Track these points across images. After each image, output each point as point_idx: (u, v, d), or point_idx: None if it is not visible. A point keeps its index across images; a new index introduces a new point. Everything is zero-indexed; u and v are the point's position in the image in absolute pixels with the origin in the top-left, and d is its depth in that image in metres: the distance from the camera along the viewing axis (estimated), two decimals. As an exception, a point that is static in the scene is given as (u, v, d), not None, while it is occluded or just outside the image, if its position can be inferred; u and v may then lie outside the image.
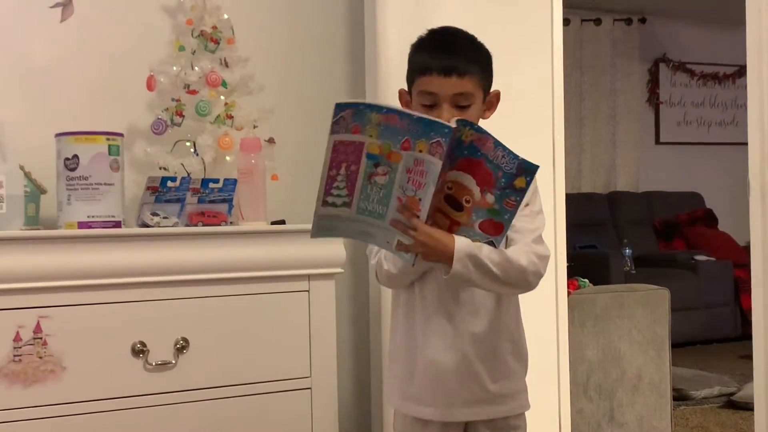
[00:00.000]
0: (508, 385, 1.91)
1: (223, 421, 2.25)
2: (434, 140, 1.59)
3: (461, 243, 1.73)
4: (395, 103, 1.82)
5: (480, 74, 1.88)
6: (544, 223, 1.93)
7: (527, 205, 1.88)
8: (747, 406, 4.25)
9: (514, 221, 1.75)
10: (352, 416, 2.84)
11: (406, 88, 1.95)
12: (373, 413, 2.80)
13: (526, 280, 1.83)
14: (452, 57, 1.85)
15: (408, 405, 1.92)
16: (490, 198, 1.67)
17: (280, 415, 2.33)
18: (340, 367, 2.47)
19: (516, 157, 1.65)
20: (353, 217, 1.67)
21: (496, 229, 1.71)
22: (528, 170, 1.65)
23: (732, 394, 4.61)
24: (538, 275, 1.85)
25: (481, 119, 1.91)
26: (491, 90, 1.94)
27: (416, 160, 1.62)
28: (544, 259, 1.87)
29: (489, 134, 1.64)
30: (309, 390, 2.36)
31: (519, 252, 1.82)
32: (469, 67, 1.86)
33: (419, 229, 1.67)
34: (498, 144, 1.64)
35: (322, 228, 1.69)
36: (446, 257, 1.73)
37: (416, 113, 1.62)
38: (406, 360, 1.92)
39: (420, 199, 1.64)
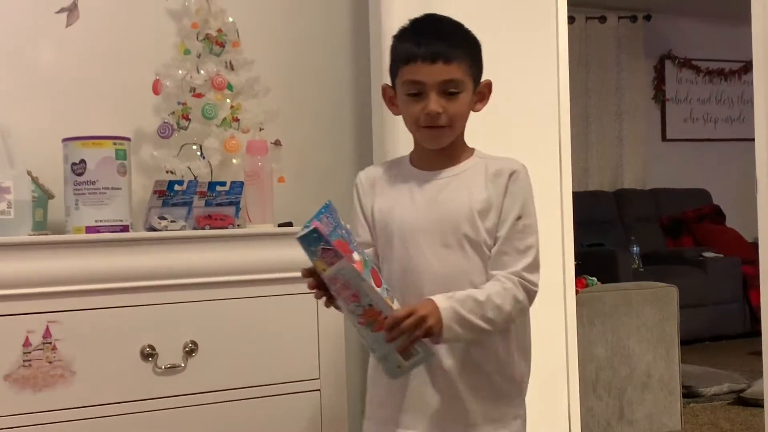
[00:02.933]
0: (494, 409, 1.84)
1: (233, 423, 2.25)
2: (317, 249, 1.62)
3: (442, 304, 1.71)
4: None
5: (468, 61, 1.82)
6: (538, 239, 1.85)
7: (519, 218, 1.83)
8: (757, 403, 4.23)
9: (504, 236, 1.79)
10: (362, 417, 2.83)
11: (390, 83, 1.90)
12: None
13: (513, 321, 1.80)
14: (437, 42, 1.78)
15: (388, 429, 1.87)
16: (357, 257, 1.67)
17: (290, 417, 2.33)
18: (349, 368, 2.46)
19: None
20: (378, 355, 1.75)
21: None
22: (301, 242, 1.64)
23: (742, 390, 4.60)
24: (525, 312, 1.83)
25: (472, 112, 1.87)
26: (482, 80, 1.88)
27: (331, 279, 1.64)
28: (532, 294, 1.81)
29: (317, 214, 1.65)
30: (318, 392, 2.36)
31: (503, 294, 1.76)
32: (455, 52, 1.79)
33: (400, 323, 1.66)
34: (319, 213, 1.65)
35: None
36: (438, 323, 1.70)
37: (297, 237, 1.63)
38: (387, 383, 1.83)
39: (371, 305, 1.66)
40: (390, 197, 1.90)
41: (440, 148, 1.87)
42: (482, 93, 1.88)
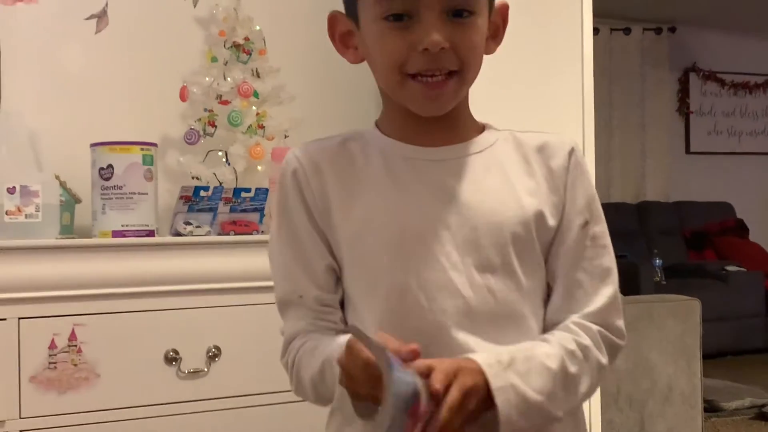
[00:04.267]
0: None
1: (255, 429, 2.26)
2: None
3: (494, 378, 1.07)
4: None
5: None
6: (614, 258, 1.26)
7: (587, 223, 1.23)
8: (779, 418, 4.22)
9: (569, 254, 1.21)
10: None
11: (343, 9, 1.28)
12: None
13: (588, 398, 1.23)
14: None
15: None
16: None
17: (313, 423, 2.33)
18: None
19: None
20: None
21: None
22: None
23: (763, 405, 4.57)
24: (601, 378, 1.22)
25: (484, 56, 1.25)
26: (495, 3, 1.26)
27: None
28: (617, 352, 1.24)
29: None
30: (339, 398, 2.37)
31: (581, 359, 1.16)
32: None
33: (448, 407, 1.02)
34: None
35: None
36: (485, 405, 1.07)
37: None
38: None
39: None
40: (366, 190, 1.22)
41: (438, 116, 1.21)
42: (496, 24, 1.27)
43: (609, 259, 1.25)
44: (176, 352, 2.18)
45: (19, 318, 2.04)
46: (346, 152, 1.27)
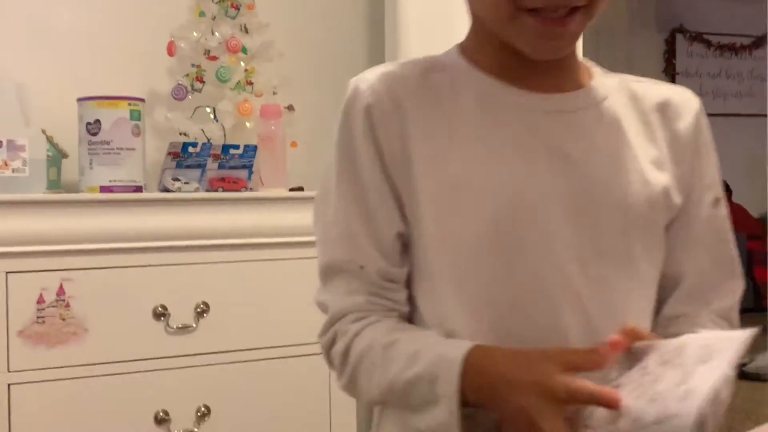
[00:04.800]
0: None
1: (243, 383, 2.28)
2: None
3: None
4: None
5: None
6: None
7: (717, 201, 1.07)
8: (759, 377, 4.27)
9: (698, 237, 1.04)
10: None
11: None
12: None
13: None
14: None
15: None
16: None
17: (300, 378, 2.36)
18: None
19: None
20: None
21: None
22: None
23: (744, 365, 4.62)
24: None
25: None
26: None
27: None
28: None
29: None
30: (326, 355, 2.38)
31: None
32: None
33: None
34: None
35: None
36: None
37: None
38: None
39: None
40: (462, 140, 0.99)
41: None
42: None
43: (734, 246, 1.08)
44: (164, 307, 2.19)
45: (7, 272, 2.04)
46: (431, 86, 1.01)
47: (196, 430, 2.21)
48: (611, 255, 0.97)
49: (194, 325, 2.23)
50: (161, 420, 2.18)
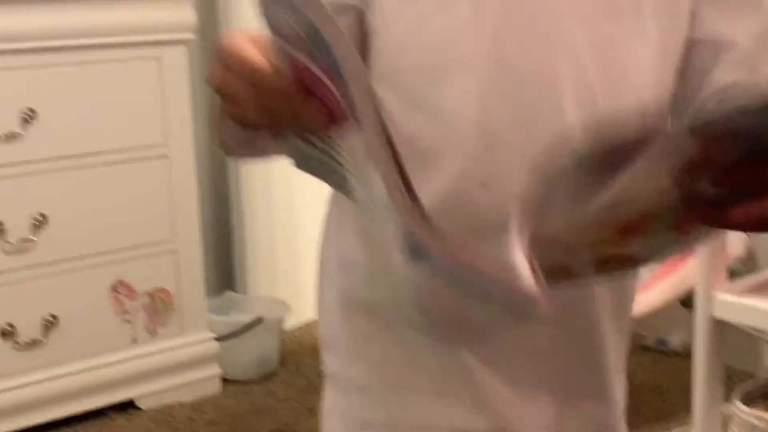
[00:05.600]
0: None
1: (80, 191, 2.23)
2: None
3: None
4: None
5: None
6: None
7: None
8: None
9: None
10: (211, 183, 2.85)
11: None
12: (230, 179, 2.82)
13: None
14: None
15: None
16: None
17: (138, 183, 2.32)
18: (198, 135, 2.44)
19: None
20: None
21: None
22: None
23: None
24: None
25: None
26: None
27: None
28: None
29: None
30: (166, 158, 2.35)
31: None
32: None
33: None
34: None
35: None
36: None
37: None
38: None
39: None
40: None
41: None
42: None
43: None
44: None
45: None
46: None
47: (32, 237, 2.16)
48: (619, 14, 0.81)
49: (23, 133, 2.13)
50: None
